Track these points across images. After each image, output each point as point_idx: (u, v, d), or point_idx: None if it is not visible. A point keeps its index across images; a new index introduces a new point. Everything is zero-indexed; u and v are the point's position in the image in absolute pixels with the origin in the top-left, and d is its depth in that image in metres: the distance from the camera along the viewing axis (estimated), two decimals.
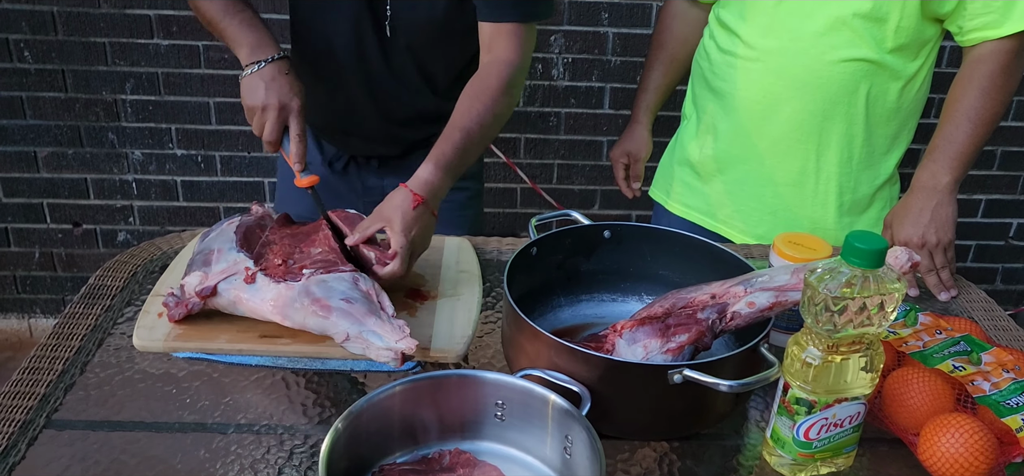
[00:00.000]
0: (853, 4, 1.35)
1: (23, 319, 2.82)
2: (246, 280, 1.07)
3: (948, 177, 1.35)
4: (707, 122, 1.59)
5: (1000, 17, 1.33)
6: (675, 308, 0.99)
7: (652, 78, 1.74)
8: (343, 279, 1.05)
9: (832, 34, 1.38)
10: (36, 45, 2.39)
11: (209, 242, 1.14)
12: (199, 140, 2.53)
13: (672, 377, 0.87)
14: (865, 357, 0.84)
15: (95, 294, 1.22)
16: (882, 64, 1.39)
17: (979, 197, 2.76)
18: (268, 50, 1.29)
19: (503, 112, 1.34)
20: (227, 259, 1.09)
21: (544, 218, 1.19)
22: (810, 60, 1.41)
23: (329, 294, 1.02)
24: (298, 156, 1.28)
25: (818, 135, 1.46)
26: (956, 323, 1.10)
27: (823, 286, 0.80)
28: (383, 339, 0.98)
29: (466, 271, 1.27)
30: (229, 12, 1.32)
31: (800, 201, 1.52)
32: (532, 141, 2.57)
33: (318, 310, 1.02)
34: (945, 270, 1.33)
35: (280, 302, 1.05)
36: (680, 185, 1.67)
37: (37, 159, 2.55)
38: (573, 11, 2.39)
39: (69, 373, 1.04)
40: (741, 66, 1.48)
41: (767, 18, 1.43)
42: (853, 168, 1.49)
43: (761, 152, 1.51)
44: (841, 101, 1.42)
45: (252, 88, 1.28)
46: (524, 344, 0.96)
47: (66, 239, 2.69)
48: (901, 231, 1.35)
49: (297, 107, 1.28)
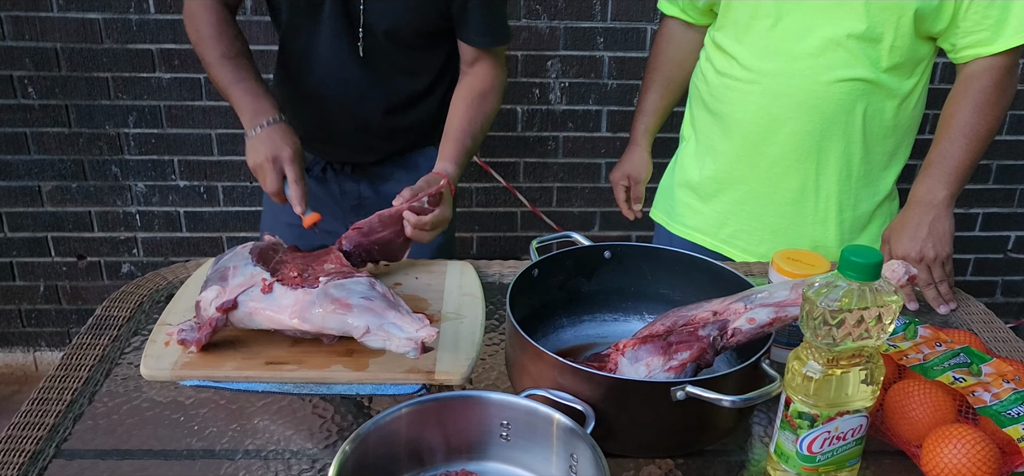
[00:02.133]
0: (847, 25, 1.37)
1: (28, 352, 2.83)
2: (263, 291, 1.08)
3: (944, 192, 1.36)
4: (706, 143, 1.60)
5: (992, 34, 1.35)
6: (676, 326, 1.00)
7: (649, 101, 1.75)
8: (360, 282, 1.06)
9: (827, 55, 1.39)
10: (40, 81, 2.41)
11: (223, 263, 1.15)
12: (201, 171, 2.55)
13: (675, 394, 0.88)
14: (865, 370, 0.85)
15: (102, 325, 1.23)
16: (878, 83, 1.41)
17: (977, 211, 2.77)
18: (266, 115, 1.42)
19: (491, 118, 1.58)
20: (244, 273, 1.11)
21: (544, 240, 1.21)
22: (806, 81, 1.42)
23: (348, 294, 1.04)
24: (297, 198, 1.39)
25: (817, 155, 1.47)
26: (956, 335, 1.11)
27: (821, 300, 0.81)
28: (403, 330, 1.00)
29: (469, 294, 1.29)
30: (235, 80, 1.46)
31: (800, 220, 1.54)
32: (531, 165, 2.59)
33: (338, 308, 1.03)
34: (944, 283, 1.34)
35: (299, 306, 1.05)
36: (681, 206, 1.68)
37: (41, 193, 2.57)
38: (569, 36, 2.42)
39: (78, 403, 1.05)
40: (738, 88, 1.50)
41: (763, 41, 1.45)
42: (852, 186, 1.50)
43: (761, 173, 1.52)
44: (838, 121, 1.44)
45: (251, 150, 1.41)
46: (527, 365, 0.97)
47: (71, 272, 2.70)
48: (899, 246, 1.36)
49: (288, 156, 1.39)
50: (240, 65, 1.48)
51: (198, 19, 1.49)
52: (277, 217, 1.69)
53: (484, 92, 1.54)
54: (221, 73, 1.48)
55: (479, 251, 2.71)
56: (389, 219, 1.31)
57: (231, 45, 1.49)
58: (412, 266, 1.39)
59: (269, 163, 1.38)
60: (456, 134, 1.49)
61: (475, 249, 2.71)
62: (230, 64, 1.47)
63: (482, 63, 1.55)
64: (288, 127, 1.43)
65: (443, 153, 1.48)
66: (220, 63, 1.47)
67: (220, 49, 1.48)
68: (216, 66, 1.48)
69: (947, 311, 1.33)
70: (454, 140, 1.48)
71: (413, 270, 1.37)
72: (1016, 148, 2.67)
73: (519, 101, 2.50)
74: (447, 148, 1.48)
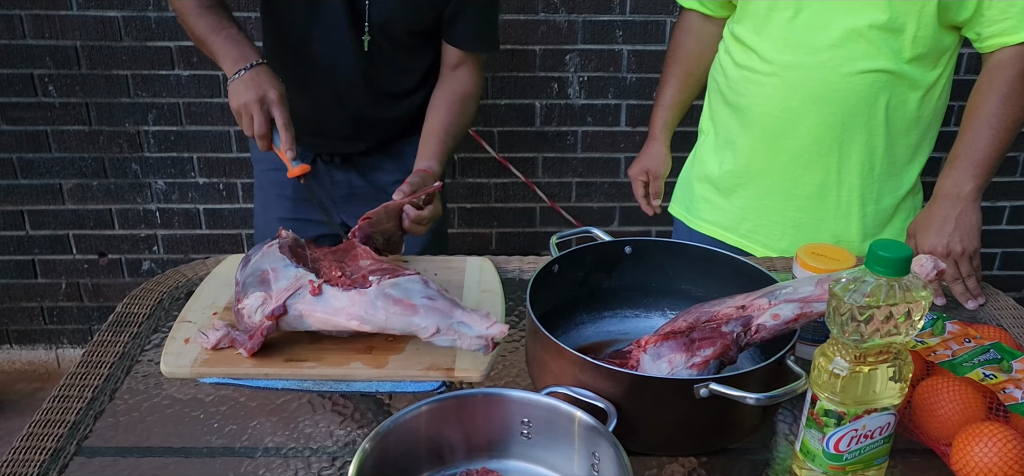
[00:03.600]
0: (869, 15, 1.35)
1: (50, 350, 2.85)
2: (313, 293, 1.06)
3: (971, 184, 1.34)
4: (725, 137, 1.59)
5: (1018, 22, 1.32)
6: (699, 322, 0.99)
7: (668, 94, 1.73)
8: (414, 280, 1.05)
9: (849, 46, 1.37)
10: (60, 79, 2.43)
11: (257, 264, 1.13)
12: (220, 168, 2.56)
13: (698, 391, 0.86)
14: (893, 367, 0.83)
15: (122, 322, 1.23)
16: (900, 74, 1.39)
17: (1004, 204, 2.72)
18: (249, 58, 1.41)
19: (470, 122, 1.64)
20: (287, 276, 1.08)
21: (564, 236, 1.20)
22: (828, 73, 1.40)
23: (409, 294, 1.03)
24: (288, 143, 1.40)
25: (838, 148, 1.45)
26: (985, 331, 1.09)
27: (848, 296, 0.79)
28: (473, 328, 1.00)
29: (488, 291, 1.28)
30: (214, 29, 1.45)
31: (822, 214, 1.51)
32: (550, 160, 2.58)
33: (402, 310, 1.02)
34: (971, 278, 1.31)
35: (356, 308, 1.04)
36: (701, 201, 1.67)
37: (62, 191, 2.59)
38: (587, 30, 2.40)
39: (98, 400, 1.05)
40: (758, 81, 1.48)
41: (783, 32, 1.43)
42: (875, 179, 1.48)
43: (782, 166, 1.50)
44: (860, 113, 1.42)
45: (235, 92, 1.39)
46: (548, 362, 0.95)
47: (92, 269, 2.72)
48: (925, 240, 1.34)
49: (275, 96, 1.39)
50: (219, 15, 1.47)
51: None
52: (270, 214, 1.72)
53: (466, 97, 1.58)
54: (199, 23, 1.46)
55: (498, 247, 2.70)
56: (395, 211, 1.34)
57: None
58: (430, 263, 1.38)
59: (256, 104, 1.37)
60: (440, 134, 1.53)
61: (494, 245, 2.70)
62: (208, 14, 1.46)
63: (465, 67, 1.58)
64: (272, 70, 1.42)
65: (427, 151, 1.51)
66: (197, 13, 1.46)
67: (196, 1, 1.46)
68: (193, 17, 1.46)
69: (975, 306, 1.30)
70: (438, 140, 1.52)
71: (432, 266, 1.36)
72: None
73: (537, 96, 2.49)
74: (431, 146, 1.51)
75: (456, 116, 1.56)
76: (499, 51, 1.64)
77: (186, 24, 1.50)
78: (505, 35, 2.40)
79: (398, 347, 1.12)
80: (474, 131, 2.50)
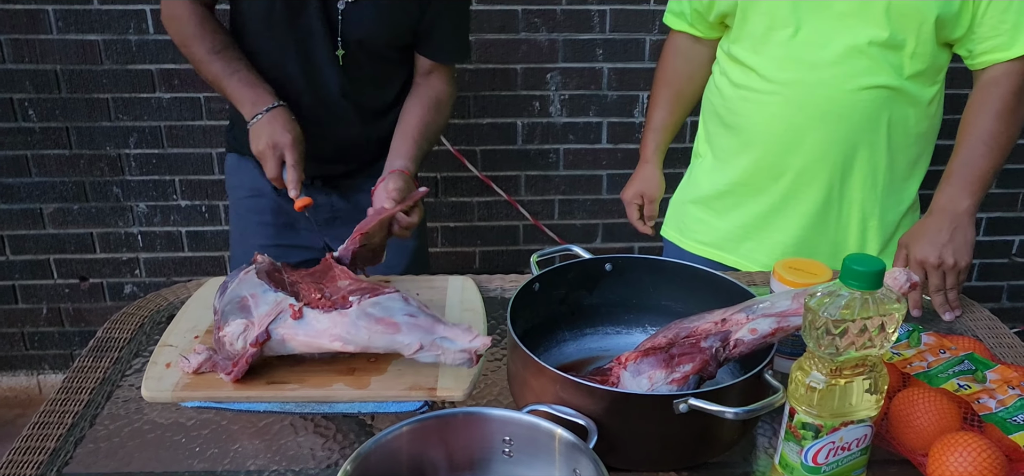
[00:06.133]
0: (869, 32, 1.36)
1: (32, 376, 2.82)
2: (294, 317, 1.06)
3: (967, 201, 1.35)
4: (723, 158, 1.58)
5: (1010, 39, 1.34)
6: (678, 338, 1.00)
7: (658, 117, 1.72)
8: (395, 299, 1.06)
9: (850, 63, 1.38)
10: (40, 104, 2.42)
11: (235, 291, 1.13)
12: (203, 190, 2.55)
13: (677, 407, 0.87)
14: (869, 379, 0.85)
15: (103, 347, 1.22)
16: (901, 91, 1.40)
17: (980, 215, 2.76)
18: (266, 102, 1.47)
19: (443, 127, 1.65)
20: (267, 301, 1.08)
21: (545, 254, 1.20)
22: (831, 90, 1.40)
23: (390, 313, 1.04)
24: (293, 183, 1.43)
25: (842, 164, 1.45)
26: (960, 342, 1.10)
27: (823, 310, 0.81)
28: (456, 342, 1.00)
29: (470, 310, 1.28)
30: (227, 72, 1.50)
31: (823, 231, 1.52)
32: (532, 178, 2.59)
33: (384, 328, 1.02)
34: (953, 291, 1.32)
35: (338, 329, 1.04)
36: (696, 223, 1.66)
37: (43, 216, 2.57)
38: (568, 49, 2.42)
39: (79, 426, 1.04)
40: (759, 100, 1.47)
41: (782, 51, 1.43)
42: (877, 195, 1.49)
43: (783, 185, 1.50)
44: (864, 129, 1.42)
45: (256, 136, 1.45)
46: (529, 380, 0.96)
47: (73, 294, 2.70)
48: (918, 250, 1.34)
49: (288, 142, 1.44)
50: (230, 57, 1.51)
51: (179, 20, 1.52)
52: (247, 239, 1.71)
53: (439, 100, 1.61)
54: (212, 68, 1.51)
55: (482, 265, 2.70)
56: (387, 221, 1.36)
57: (216, 39, 1.51)
58: (412, 282, 1.38)
59: (270, 150, 1.43)
60: (413, 134, 1.54)
61: (478, 263, 2.71)
62: (219, 58, 1.50)
63: (436, 75, 1.62)
64: (287, 113, 1.47)
65: (401, 150, 1.52)
66: (209, 59, 1.50)
67: (206, 45, 1.50)
68: (206, 62, 1.51)
69: (951, 318, 1.32)
70: (412, 140, 1.53)
71: (414, 286, 1.36)
72: (1018, 152, 2.63)
73: (519, 114, 2.50)
74: (405, 146, 1.53)
75: (430, 118, 1.58)
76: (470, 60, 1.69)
77: (199, 70, 1.54)
78: (486, 54, 2.41)
79: (380, 368, 1.12)
80: (456, 150, 2.50)
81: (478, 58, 2.41)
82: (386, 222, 1.35)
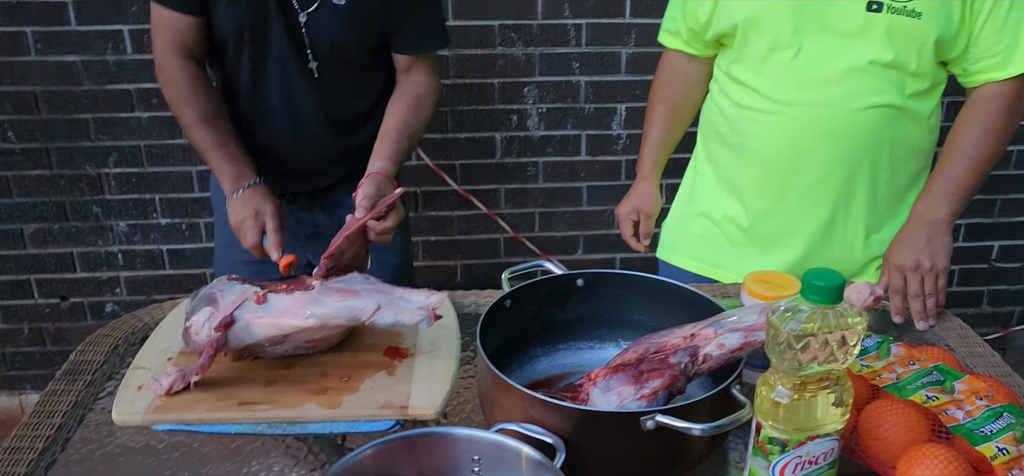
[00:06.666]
0: (871, 53, 1.36)
1: (13, 396, 2.81)
2: (258, 301, 1.09)
3: (945, 210, 1.36)
4: (726, 177, 1.57)
5: (1004, 59, 1.35)
6: (648, 353, 1.00)
7: (655, 135, 1.71)
8: (355, 275, 1.10)
9: (854, 82, 1.38)
10: (20, 125, 2.41)
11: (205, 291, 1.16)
12: (183, 208, 2.55)
13: (644, 423, 0.87)
14: (834, 392, 0.85)
15: (77, 370, 1.22)
16: (904, 109, 1.41)
17: (958, 222, 2.77)
18: (247, 178, 1.51)
19: (427, 123, 1.63)
20: (233, 292, 1.12)
21: (516, 270, 1.20)
22: (836, 109, 1.40)
23: (349, 283, 1.08)
24: (275, 245, 1.45)
25: (847, 182, 1.45)
26: (929, 352, 1.11)
27: (785, 325, 0.81)
28: (412, 301, 1.04)
29: (444, 327, 1.28)
30: (214, 145, 1.53)
31: (829, 247, 1.52)
32: (512, 191, 2.60)
33: (343, 297, 1.06)
34: (932, 298, 1.33)
35: (299, 303, 1.07)
36: (698, 240, 1.65)
37: (24, 236, 2.56)
38: (545, 62, 2.43)
39: (50, 451, 1.04)
40: (762, 120, 1.46)
41: (784, 71, 1.42)
42: (878, 210, 1.49)
43: (790, 204, 1.50)
44: (868, 147, 1.43)
45: (234, 211, 1.49)
46: (499, 398, 0.96)
47: (54, 314, 2.69)
48: (895, 256, 1.36)
49: (270, 210, 1.47)
50: (217, 128, 1.53)
51: (171, 79, 1.53)
52: (231, 255, 1.71)
53: (420, 97, 1.59)
54: (199, 136, 1.53)
55: (463, 279, 2.70)
56: (355, 236, 1.30)
57: (206, 105, 1.53)
58: None
59: (251, 219, 1.46)
60: (393, 134, 1.54)
61: (459, 277, 2.71)
62: (207, 127, 1.52)
63: (416, 70, 1.61)
64: (266, 188, 1.51)
65: (381, 151, 1.52)
66: (198, 126, 1.52)
67: (196, 111, 1.52)
68: (194, 128, 1.53)
69: (925, 327, 1.32)
70: (392, 140, 1.53)
71: None
72: None
73: (497, 128, 2.51)
74: (385, 146, 1.52)
75: (411, 116, 1.57)
76: (448, 45, 1.65)
77: (186, 133, 1.56)
78: (463, 69, 2.42)
79: (352, 387, 1.12)
80: (435, 164, 2.51)
81: (455, 73, 2.42)
82: (356, 234, 1.31)
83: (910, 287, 1.33)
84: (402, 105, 1.58)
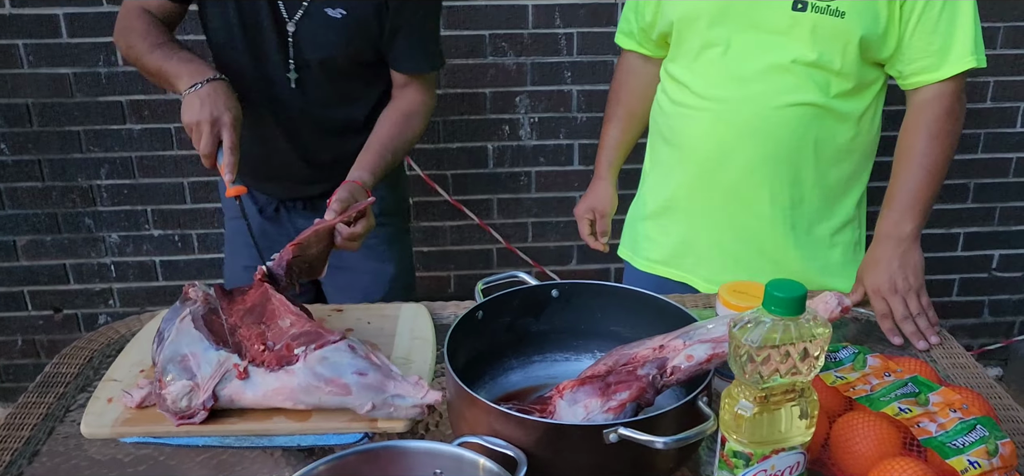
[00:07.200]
0: (794, 51, 1.37)
1: (6, 407, 2.80)
2: (239, 377, 1.05)
3: (910, 225, 1.36)
4: (663, 173, 1.60)
5: (938, 60, 1.35)
6: (617, 365, 0.99)
7: (612, 134, 1.75)
8: (340, 350, 1.05)
9: (775, 79, 1.40)
10: (12, 137, 2.42)
11: (175, 347, 1.11)
12: (175, 220, 2.55)
13: (608, 437, 0.86)
14: (798, 405, 0.84)
15: (49, 382, 1.21)
16: (828, 108, 1.41)
17: (957, 231, 2.76)
18: (205, 73, 1.38)
19: (415, 139, 1.62)
20: (209, 361, 1.07)
21: (490, 281, 1.20)
22: (758, 107, 1.42)
23: (338, 371, 1.03)
24: (230, 166, 1.36)
25: (770, 180, 1.46)
26: (905, 364, 1.09)
27: (745, 337, 0.80)
28: (407, 399, 1.01)
29: (419, 338, 1.27)
30: (167, 56, 1.43)
31: (759, 244, 1.52)
32: (504, 201, 2.59)
33: (335, 389, 1.02)
34: (922, 317, 1.31)
35: (287, 390, 1.04)
36: (644, 241, 1.68)
37: (16, 248, 2.57)
38: (536, 72, 2.42)
39: (17, 464, 1.03)
40: (692, 116, 1.49)
41: (714, 68, 1.45)
42: (806, 210, 1.50)
43: (717, 199, 1.52)
44: (791, 145, 1.43)
45: (188, 106, 1.35)
46: (464, 411, 0.95)
47: (47, 325, 2.69)
48: (871, 279, 1.35)
49: (229, 121, 1.36)
50: (173, 46, 1.45)
51: (129, 22, 1.49)
52: (236, 262, 1.71)
53: (409, 114, 1.58)
54: (153, 59, 1.44)
55: (457, 290, 2.69)
56: (325, 233, 1.32)
57: (161, 36, 1.47)
58: (366, 311, 1.37)
59: (207, 124, 1.34)
60: (377, 146, 1.53)
61: (453, 287, 2.70)
62: (161, 49, 1.45)
63: (411, 87, 1.60)
64: (228, 87, 1.40)
65: (362, 162, 1.50)
66: (151, 51, 1.45)
67: (149, 41, 1.45)
68: (147, 55, 1.45)
69: (926, 346, 1.29)
70: (375, 152, 1.52)
71: (366, 315, 1.36)
72: (992, 166, 2.66)
73: (489, 138, 2.50)
74: (366, 157, 1.51)
75: (397, 131, 1.56)
76: (443, 65, 1.65)
77: (140, 64, 1.49)
78: (455, 79, 2.42)
79: None
80: (427, 174, 2.50)
81: (447, 83, 2.41)
82: (324, 234, 1.32)
83: (896, 311, 1.32)
84: (391, 120, 1.57)
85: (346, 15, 1.49)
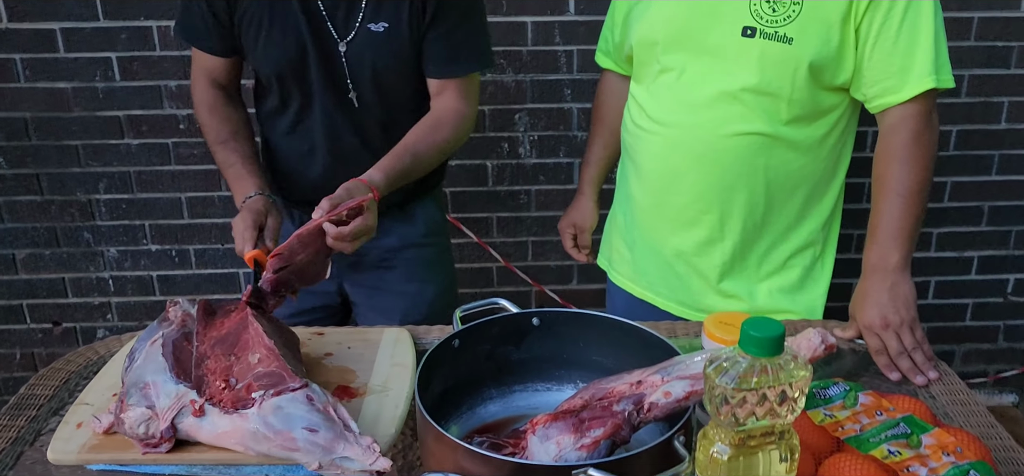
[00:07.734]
0: (742, 79, 1.35)
1: None
2: (195, 415, 1.02)
3: (896, 255, 1.31)
4: (627, 191, 1.62)
5: (898, 81, 1.31)
6: (593, 400, 0.95)
7: (594, 151, 1.79)
8: (297, 401, 0.99)
9: (723, 108, 1.38)
10: (11, 151, 2.41)
11: (140, 371, 1.08)
12: (173, 235, 2.53)
13: None
14: (778, 449, 0.79)
15: (23, 404, 1.19)
16: (778, 137, 1.39)
17: (971, 255, 2.69)
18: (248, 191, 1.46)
19: (448, 150, 1.58)
20: (168, 393, 1.04)
21: (469, 308, 1.17)
22: (706, 133, 1.41)
23: (290, 424, 0.97)
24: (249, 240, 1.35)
25: (720, 206, 1.45)
26: (899, 402, 1.05)
27: (720, 378, 0.76)
28: (355, 463, 0.94)
29: (399, 364, 1.24)
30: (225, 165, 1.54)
31: (710, 268, 1.51)
32: (504, 220, 2.55)
33: (284, 443, 0.97)
34: (918, 351, 1.26)
35: (239, 435, 1.00)
36: (616, 254, 1.70)
37: (16, 261, 2.56)
38: (536, 89, 2.39)
39: None
40: (648, 139, 1.50)
41: (668, 93, 1.45)
42: (758, 237, 1.47)
43: (668, 222, 1.52)
44: (740, 174, 1.42)
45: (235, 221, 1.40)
46: (431, 445, 0.92)
47: (46, 339, 2.68)
48: (863, 315, 1.31)
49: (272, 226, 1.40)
50: (229, 149, 1.54)
51: (195, 103, 1.60)
52: None
53: (438, 120, 1.54)
54: (216, 159, 1.57)
55: None
56: (309, 237, 1.23)
57: (221, 128, 1.56)
58: (348, 334, 1.34)
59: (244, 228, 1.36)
60: (398, 150, 1.48)
61: None
62: (221, 149, 1.55)
63: (445, 94, 1.56)
64: (265, 201, 1.44)
65: (379, 162, 1.45)
66: (214, 149, 1.56)
67: (213, 135, 1.56)
68: (212, 152, 1.58)
69: (924, 382, 1.24)
70: (394, 154, 1.47)
71: (348, 339, 1.32)
72: (1007, 188, 2.60)
73: (488, 156, 2.47)
74: (386, 159, 1.46)
75: (421, 136, 1.51)
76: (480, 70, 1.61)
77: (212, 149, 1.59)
78: None
79: None
80: None
81: None
82: (308, 239, 1.23)
83: (890, 347, 1.27)
84: (419, 125, 1.54)
85: (388, 28, 1.49)
